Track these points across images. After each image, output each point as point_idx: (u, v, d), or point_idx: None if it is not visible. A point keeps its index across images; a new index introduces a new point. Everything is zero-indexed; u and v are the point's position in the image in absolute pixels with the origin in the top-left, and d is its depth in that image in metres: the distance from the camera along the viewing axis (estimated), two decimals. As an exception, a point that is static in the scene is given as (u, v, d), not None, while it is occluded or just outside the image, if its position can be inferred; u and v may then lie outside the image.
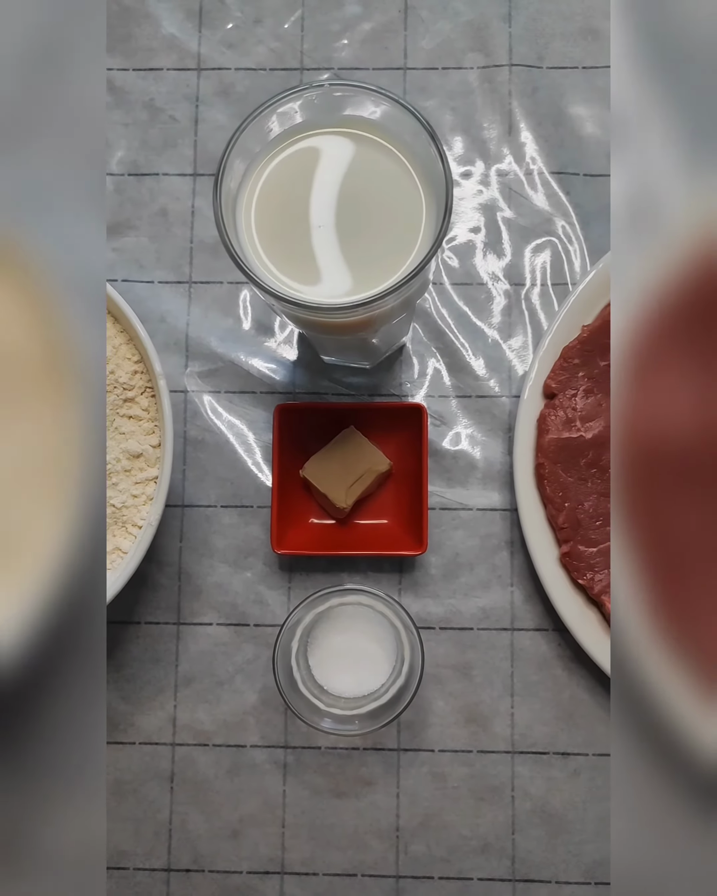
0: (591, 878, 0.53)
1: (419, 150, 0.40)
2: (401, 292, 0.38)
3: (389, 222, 0.40)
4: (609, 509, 0.52)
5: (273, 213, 0.40)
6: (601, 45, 0.59)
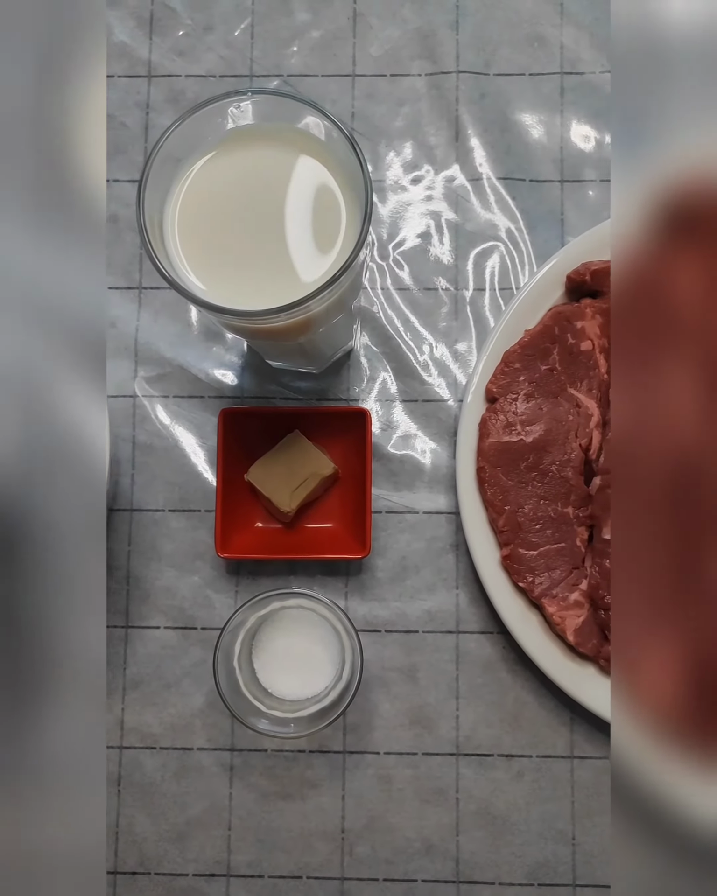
0: (534, 880, 0.54)
1: (343, 156, 0.40)
2: (323, 297, 0.39)
3: (312, 228, 0.41)
4: (549, 513, 0.52)
5: (198, 221, 0.41)
6: (547, 51, 0.60)
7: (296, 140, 0.42)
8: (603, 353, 0.54)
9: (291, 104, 0.40)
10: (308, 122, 0.42)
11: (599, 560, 0.51)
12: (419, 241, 0.59)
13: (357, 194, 0.40)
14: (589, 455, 0.53)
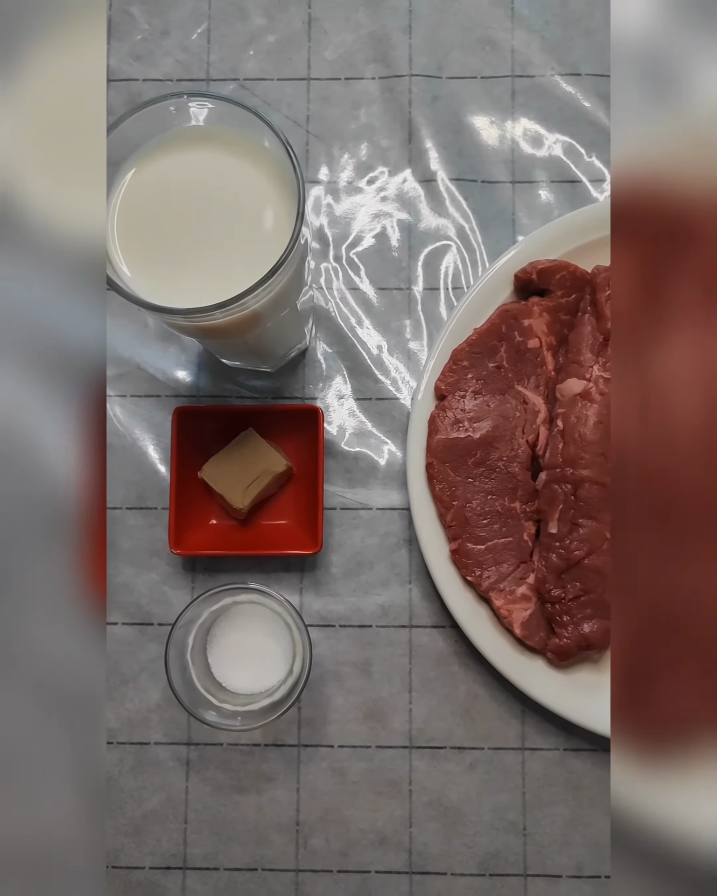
0: (485, 870, 0.54)
1: (282, 157, 0.41)
2: (258, 295, 0.40)
3: (249, 228, 0.41)
4: (496, 507, 0.53)
5: (137, 222, 0.41)
6: (498, 55, 0.61)
7: (236, 142, 0.43)
8: (550, 350, 0.55)
9: (233, 107, 0.41)
10: (249, 125, 0.43)
11: (545, 554, 0.52)
12: (373, 242, 0.60)
13: (294, 194, 0.40)
14: (536, 451, 0.54)
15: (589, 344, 0.53)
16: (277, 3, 0.62)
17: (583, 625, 0.51)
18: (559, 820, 0.55)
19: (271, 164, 0.42)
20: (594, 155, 0.60)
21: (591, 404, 0.51)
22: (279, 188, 0.41)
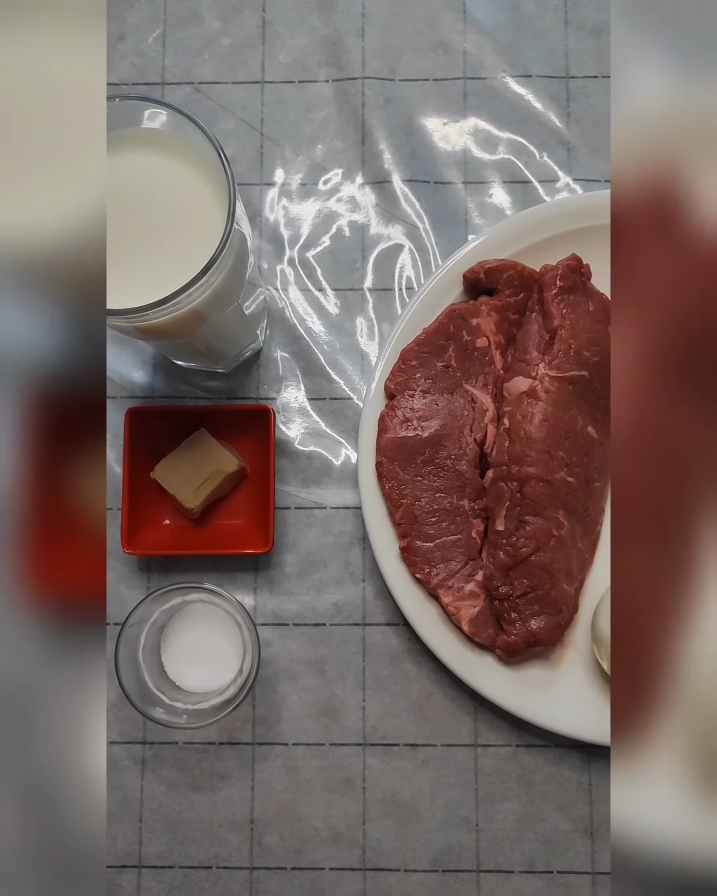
0: (438, 866, 0.55)
1: (216, 159, 0.41)
2: (191, 295, 0.40)
3: (185, 230, 0.42)
4: (445, 505, 0.53)
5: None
6: (450, 57, 0.61)
7: (176, 146, 0.43)
8: (499, 349, 0.55)
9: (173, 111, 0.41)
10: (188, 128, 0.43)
11: (493, 551, 0.52)
12: (327, 243, 0.61)
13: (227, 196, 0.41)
14: (484, 449, 0.54)
15: (536, 342, 0.53)
16: (231, 8, 0.62)
17: (530, 621, 0.51)
18: (512, 816, 0.55)
19: (208, 166, 0.42)
20: (545, 155, 0.61)
21: (537, 402, 0.52)
22: (216, 190, 0.42)
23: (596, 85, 0.61)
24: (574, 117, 0.61)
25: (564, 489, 0.52)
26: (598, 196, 0.58)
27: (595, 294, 0.55)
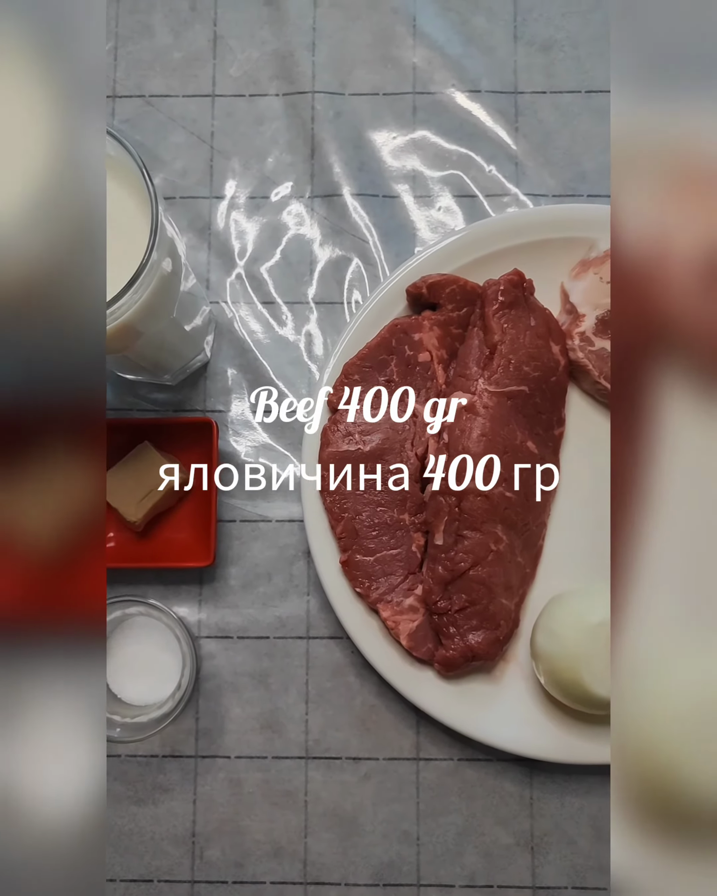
0: (379, 880, 0.55)
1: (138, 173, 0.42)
2: (120, 310, 0.40)
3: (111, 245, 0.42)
4: (386, 519, 0.53)
5: None
6: (400, 71, 0.62)
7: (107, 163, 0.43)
8: (441, 363, 0.55)
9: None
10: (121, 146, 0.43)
11: (432, 566, 0.52)
12: (276, 256, 0.61)
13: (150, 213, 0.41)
14: (424, 463, 0.54)
15: (476, 357, 0.53)
16: (183, 21, 0.63)
17: (469, 636, 0.52)
18: (453, 829, 0.55)
19: (133, 179, 0.42)
20: (494, 170, 0.61)
21: (475, 417, 0.52)
22: (141, 203, 0.42)
23: (544, 100, 0.61)
24: (522, 132, 0.61)
25: (502, 504, 0.52)
26: (544, 211, 0.58)
27: (538, 309, 0.55)
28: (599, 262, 0.55)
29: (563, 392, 0.55)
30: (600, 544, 0.55)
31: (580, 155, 0.61)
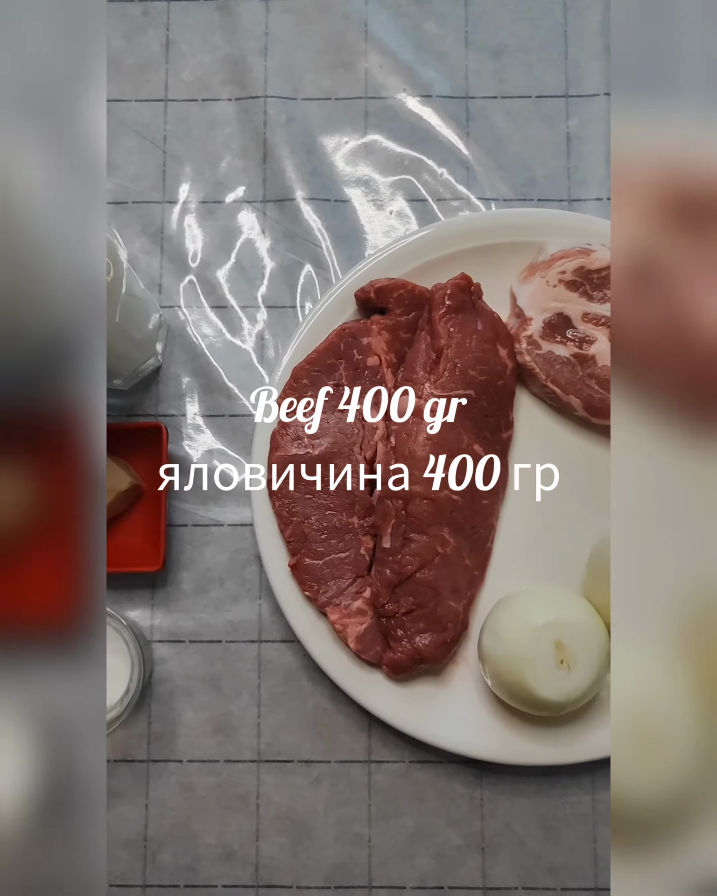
0: (331, 883, 0.55)
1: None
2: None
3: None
4: (334, 523, 0.54)
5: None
6: (352, 76, 0.62)
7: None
8: (390, 367, 0.55)
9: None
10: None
11: (380, 569, 0.53)
12: (228, 261, 0.61)
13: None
14: (373, 466, 0.54)
15: (423, 362, 0.54)
16: (135, 26, 0.63)
17: (416, 638, 0.52)
18: (404, 831, 0.55)
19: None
20: (445, 174, 0.61)
21: (421, 421, 0.52)
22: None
23: (495, 105, 0.62)
24: (474, 137, 0.62)
25: (448, 507, 0.52)
26: (494, 215, 0.58)
27: (485, 313, 0.55)
28: (545, 266, 0.55)
29: (511, 395, 0.56)
30: (549, 546, 0.56)
31: (531, 160, 0.61)
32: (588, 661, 0.49)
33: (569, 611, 0.50)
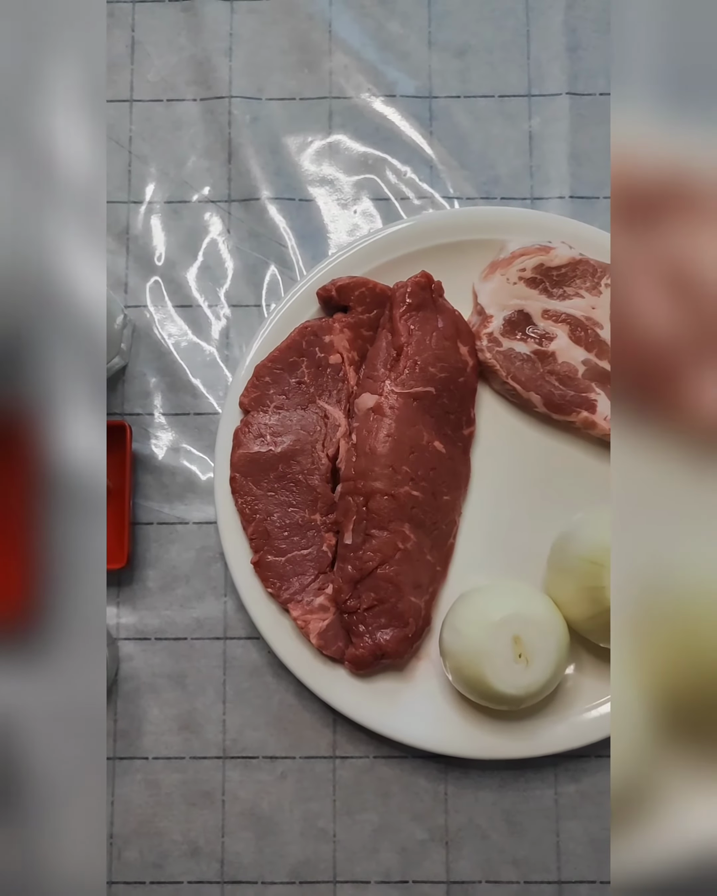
0: (296, 878, 0.55)
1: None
2: None
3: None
4: (297, 520, 0.54)
5: None
6: (316, 76, 0.62)
7: None
8: (353, 365, 0.56)
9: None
10: None
11: (342, 565, 0.53)
12: (194, 260, 0.61)
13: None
14: (336, 464, 0.55)
15: (383, 359, 0.54)
16: (101, 27, 0.63)
17: (378, 634, 0.52)
18: (368, 826, 0.56)
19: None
20: (409, 173, 0.62)
21: (382, 418, 0.53)
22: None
23: (458, 105, 0.62)
24: (437, 136, 0.62)
25: (409, 503, 0.52)
26: (457, 213, 0.59)
27: (446, 310, 0.56)
28: (505, 264, 0.55)
29: (472, 392, 0.56)
30: (511, 542, 0.56)
31: (494, 158, 0.62)
32: (546, 656, 0.49)
33: (528, 606, 0.51)
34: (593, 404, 0.54)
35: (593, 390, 0.55)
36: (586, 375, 0.55)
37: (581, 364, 0.55)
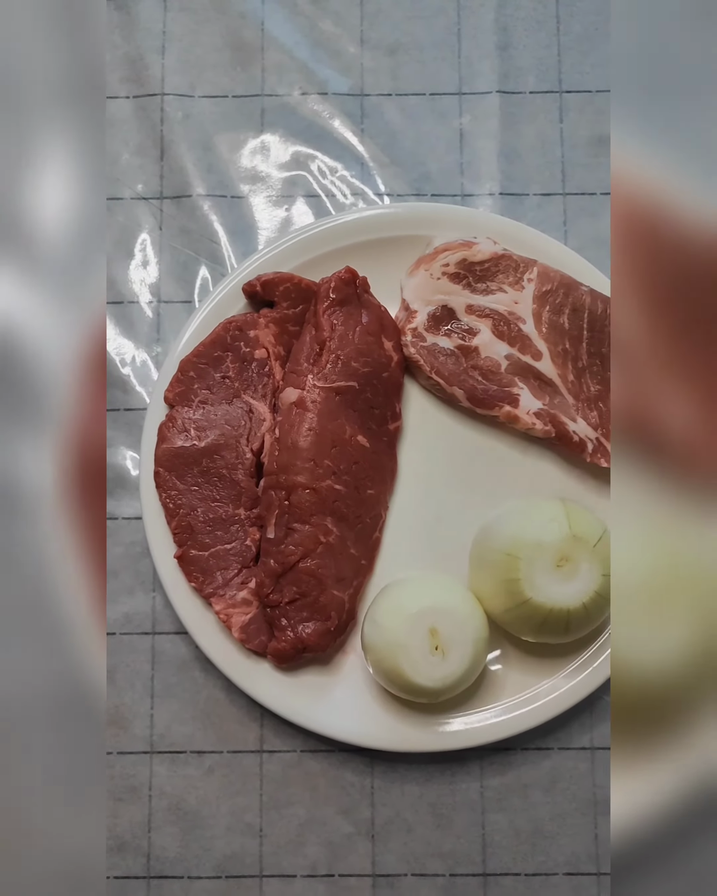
0: (222, 872, 0.55)
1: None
2: None
3: None
4: (221, 514, 0.54)
5: None
6: (249, 74, 0.63)
7: None
8: (279, 360, 0.56)
9: None
10: None
11: (264, 559, 0.53)
12: (127, 257, 0.61)
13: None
14: (261, 458, 0.55)
15: (306, 354, 0.54)
16: (34, 25, 0.63)
17: (299, 627, 0.52)
18: (295, 820, 0.56)
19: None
20: (340, 170, 0.62)
21: (304, 412, 0.53)
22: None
23: (390, 103, 0.62)
24: (368, 134, 0.62)
25: (331, 497, 0.53)
26: (385, 209, 0.59)
27: (372, 305, 0.56)
28: (429, 259, 0.56)
29: (397, 387, 0.56)
30: (437, 536, 0.56)
31: (425, 156, 0.62)
32: (463, 648, 0.50)
33: (445, 598, 0.51)
34: (515, 399, 0.55)
35: (516, 385, 0.55)
36: (509, 370, 0.55)
37: (504, 359, 0.55)
